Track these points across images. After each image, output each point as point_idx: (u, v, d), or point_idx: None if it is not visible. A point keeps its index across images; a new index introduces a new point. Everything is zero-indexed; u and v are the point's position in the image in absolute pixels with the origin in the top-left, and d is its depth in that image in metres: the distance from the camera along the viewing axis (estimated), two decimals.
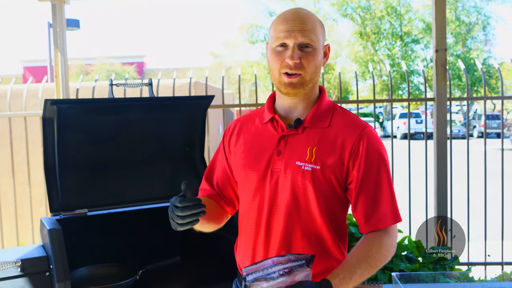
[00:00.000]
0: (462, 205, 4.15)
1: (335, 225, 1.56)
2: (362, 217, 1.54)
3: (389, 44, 28.26)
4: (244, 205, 1.63)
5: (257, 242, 1.58)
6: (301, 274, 1.37)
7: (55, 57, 4.21)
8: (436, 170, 4.02)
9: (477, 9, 27.97)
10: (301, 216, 1.53)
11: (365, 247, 1.51)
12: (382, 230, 1.53)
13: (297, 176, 1.52)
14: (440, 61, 3.98)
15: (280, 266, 1.37)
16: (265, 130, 1.63)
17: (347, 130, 1.55)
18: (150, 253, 2.63)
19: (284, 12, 1.57)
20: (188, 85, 5.75)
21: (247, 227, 1.61)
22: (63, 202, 2.45)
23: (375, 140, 1.55)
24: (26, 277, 2.07)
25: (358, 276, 1.45)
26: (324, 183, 1.51)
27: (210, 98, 2.67)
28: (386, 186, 1.54)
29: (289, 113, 1.61)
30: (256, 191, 1.58)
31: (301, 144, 1.55)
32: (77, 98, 4.41)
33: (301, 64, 1.51)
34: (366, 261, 1.47)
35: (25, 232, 5.15)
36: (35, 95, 5.35)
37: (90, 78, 23.53)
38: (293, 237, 1.53)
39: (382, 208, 1.53)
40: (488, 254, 4.14)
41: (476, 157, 4.81)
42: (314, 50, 1.53)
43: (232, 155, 1.68)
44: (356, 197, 1.53)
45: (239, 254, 1.67)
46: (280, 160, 1.55)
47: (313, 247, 1.53)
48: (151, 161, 2.69)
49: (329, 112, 1.60)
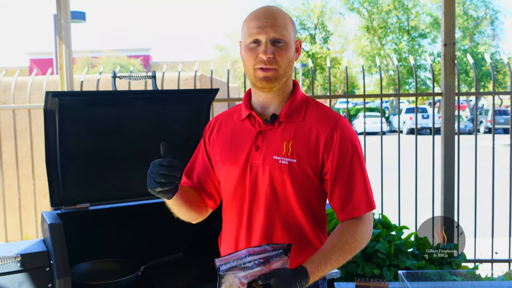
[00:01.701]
0: (469, 201, 4.10)
1: (313, 215, 1.63)
2: (338, 206, 1.61)
3: (396, 39, 28.13)
4: (227, 199, 1.70)
5: (239, 234, 1.65)
6: (278, 263, 1.42)
7: (60, 49, 4.17)
8: (444, 165, 3.97)
9: (485, 4, 27.79)
10: (280, 208, 1.60)
11: (340, 234, 1.57)
12: (356, 217, 1.60)
13: (275, 170, 1.58)
14: (448, 56, 3.92)
15: (256, 256, 1.41)
16: (243, 126, 1.69)
17: (321, 122, 1.61)
18: (152, 248, 2.59)
19: (255, 10, 1.63)
20: (193, 78, 5.71)
21: (229, 220, 1.68)
22: (64, 196, 2.42)
23: (348, 132, 1.62)
24: (26, 272, 2.04)
25: (333, 261, 1.53)
26: (301, 175, 1.58)
27: (215, 92, 2.63)
28: (359, 175, 1.61)
29: (265, 109, 1.68)
30: (237, 186, 1.65)
31: (277, 139, 1.61)
32: (81, 90, 4.39)
33: (275, 59, 1.57)
34: (341, 247, 1.54)
35: (29, 225, 5.14)
36: (39, 87, 5.33)
37: (96, 71, 23.54)
38: (273, 229, 1.61)
39: (356, 197, 1.60)
40: (495, 252, 4.09)
41: (484, 152, 4.75)
42: (286, 45, 1.59)
43: (212, 151, 1.75)
44: (332, 187, 1.60)
45: (223, 246, 1.73)
46: (259, 155, 1.62)
47: (293, 238, 1.60)
48: (154, 154, 2.65)
49: (303, 106, 1.66)
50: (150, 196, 2.68)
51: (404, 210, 4.21)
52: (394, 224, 3.80)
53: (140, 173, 2.69)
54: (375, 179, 4.36)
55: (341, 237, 1.56)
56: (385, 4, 27.37)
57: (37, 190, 4.88)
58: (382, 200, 4.16)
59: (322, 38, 29.64)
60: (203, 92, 2.89)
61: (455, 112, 3.98)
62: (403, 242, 3.58)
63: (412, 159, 4.17)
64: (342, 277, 3.38)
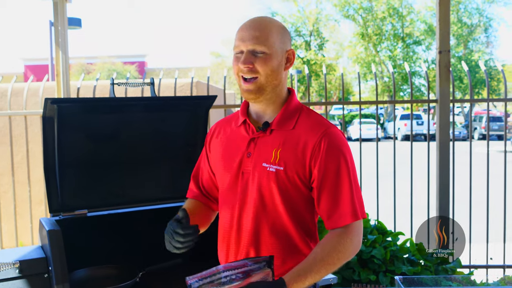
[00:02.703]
0: (464, 207, 4.13)
1: (301, 223, 1.65)
2: (324, 214, 1.61)
3: (391, 46, 28.25)
4: (220, 204, 1.76)
5: (230, 239, 1.70)
6: (258, 275, 1.42)
7: (56, 55, 4.18)
8: (439, 171, 3.99)
9: (479, 11, 27.98)
10: (268, 214, 1.63)
11: (324, 245, 1.57)
12: (342, 227, 1.58)
13: (263, 177, 1.62)
14: (443, 63, 3.96)
15: (233, 271, 1.42)
16: (238, 132, 1.73)
17: (310, 131, 1.63)
18: (150, 254, 2.59)
19: (246, 21, 1.66)
20: (189, 84, 5.73)
21: (222, 225, 1.73)
22: (62, 203, 2.42)
23: (337, 140, 1.61)
24: (25, 279, 2.04)
25: (314, 273, 1.52)
26: (287, 183, 1.60)
27: (212, 98, 2.64)
28: (346, 184, 1.59)
29: (260, 117, 1.71)
30: (229, 191, 1.70)
31: (268, 146, 1.64)
32: (78, 97, 4.39)
33: (255, 68, 1.61)
34: (323, 260, 1.54)
35: (24, 232, 5.13)
36: (35, 94, 5.33)
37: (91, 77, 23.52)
38: (261, 235, 1.64)
39: (342, 206, 1.59)
40: (490, 257, 4.11)
41: (478, 159, 4.78)
42: (266, 55, 1.61)
43: (212, 157, 1.81)
44: (318, 195, 1.61)
45: (218, 251, 1.79)
46: (250, 162, 1.65)
47: (282, 244, 1.63)
48: (152, 161, 2.66)
49: (296, 114, 1.68)
50: (148, 202, 2.70)
51: (399, 216, 4.23)
52: (390, 230, 3.82)
53: (138, 180, 2.72)
54: (370, 186, 4.41)
55: (324, 248, 1.56)
56: (380, 12, 27.52)
57: (33, 197, 4.87)
58: (378, 206, 4.18)
59: (317, 45, 29.74)
60: (201, 98, 2.90)
61: (450, 119, 4.01)
62: (399, 248, 3.60)
63: (407, 165, 4.20)
64: (338, 283, 3.39)
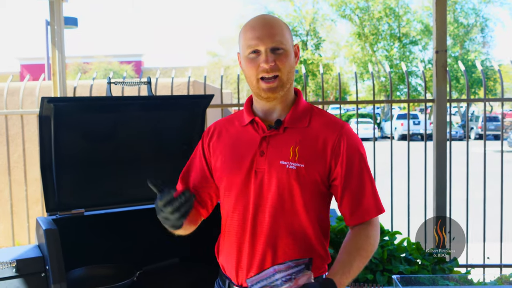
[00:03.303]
0: (461, 207, 4.13)
1: (319, 221, 1.63)
2: (347, 211, 1.62)
3: (387, 45, 28.30)
4: (228, 207, 1.67)
5: (243, 242, 1.63)
6: (303, 278, 1.42)
7: (53, 55, 4.17)
8: (436, 171, 4.00)
9: (476, 11, 28.06)
10: (286, 214, 1.59)
11: (354, 240, 1.59)
12: (366, 222, 1.62)
13: (282, 175, 1.57)
14: (440, 63, 3.96)
15: (282, 274, 1.41)
16: (245, 132, 1.68)
17: (326, 129, 1.63)
18: (147, 254, 2.59)
19: (250, 21, 1.63)
20: (186, 84, 5.72)
21: (231, 228, 1.65)
22: (59, 202, 2.41)
23: (354, 138, 1.64)
24: (21, 278, 2.03)
25: (355, 268, 1.54)
26: (308, 180, 1.58)
27: (209, 98, 2.64)
28: (367, 180, 1.64)
29: (268, 115, 1.67)
30: (240, 192, 1.63)
31: (283, 144, 1.61)
32: (75, 96, 4.38)
33: (277, 66, 1.58)
34: (359, 254, 1.56)
35: (21, 231, 5.11)
36: (32, 93, 5.32)
37: (88, 76, 23.47)
38: (278, 235, 1.59)
39: (365, 201, 1.62)
40: (487, 257, 4.12)
41: (475, 158, 4.79)
42: (285, 51, 1.60)
43: (213, 158, 1.72)
44: (342, 192, 1.61)
45: (223, 255, 1.71)
46: (264, 160, 1.61)
47: (298, 245, 1.60)
48: (149, 160, 2.66)
49: (307, 113, 1.67)
50: (145, 201, 2.70)
51: (396, 215, 4.24)
52: (387, 230, 3.82)
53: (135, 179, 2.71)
54: None
55: (356, 243, 1.58)
56: (376, 11, 27.56)
57: (29, 196, 4.86)
58: None
59: (314, 44, 29.76)
60: (198, 98, 2.90)
61: (446, 118, 4.01)
62: (396, 247, 3.60)
63: (404, 165, 4.20)
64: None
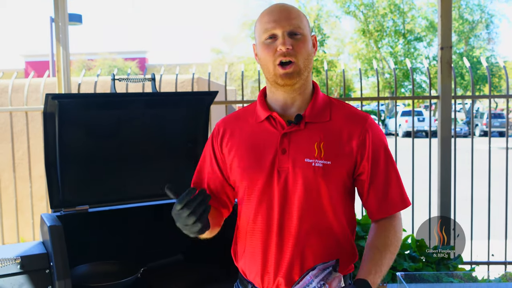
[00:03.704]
0: (466, 204, 4.12)
1: (345, 217, 1.58)
2: (373, 205, 1.58)
3: (392, 42, 28.19)
4: (249, 210, 1.57)
5: (268, 245, 1.54)
6: (335, 281, 1.39)
7: (57, 51, 4.17)
8: (440, 168, 3.98)
9: (481, 7, 27.90)
10: (313, 213, 1.52)
11: (382, 235, 1.55)
12: (392, 216, 1.59)
13: (309, 173, 1.50)
14: (445, 59, 3.94)
15: (317, 279, 1.38)
16: (262, 129, 1.59)
17: (349, 122, 1.56)
18: (151, 250, 2.59)
19: (267, 8, 1.57)
20: (190, 81, 5.73)
21: (255, 231, 1.56)
22: (63, 198, 2.42)
23: (378, 130, 1.60)
24: (26, 274, 2.04)
25: (386, 266, 1.50)
26: (335, 177, 1.52)
27: (214, 94, 2.63)
28: (393, 173, 1.59)
29: (286, 109, 1.59)
30: (263, 193, 1.54)
31: (306, 140, 1.53)
32: (79, 93, 4.39)
33: (294, 51, 1.50)
34: (389, 250, 1.52)
35: (25, 228, 5.13)
36: (36, 90, 5.32)
37: (92, 73, 23.52)
38: (306, 236, 1.52)
39: (391, 195, 1.58)
40: (492, 254, 4.11)
41: (479, 155, 4.77)
42: (303, 37, 1.53)
43: (227, 158, 1.62)
44: (368, 187, 1.57)
45: (244, 260, 1.62)
46: (287, 159, 1.52)
47: (326, 244, 1.54)
48: (153, 157, 2.66)
49: (327, 105, 1.61)
50: (150, 198, 2.70)
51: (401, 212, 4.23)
52: None
53: (139, 176, 2.71)
54: None
55: (384, 239, 1.54)
56: (381, 8, 27.44)
57: (34, 193, 4.87)
58: None
59: (318, 41, 29.63)
60: (202, 94, 2.89)
61: (451, 115, 4.00)
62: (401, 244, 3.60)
63: (408, 161, 4.19)
64: None
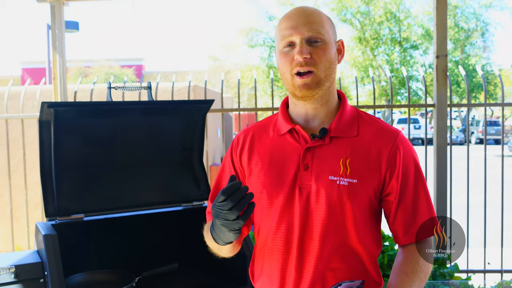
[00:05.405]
0: (462, 211, 4.12)
1: (372, 241, 1.47)
2: (401, 229, 1.47)
3: (388, 50, 28.31)
4: (268, 227, 1.48)
5: (287, 265, 1.44)
6: None
7: (54, 59, 4.17)
8: (436, 175, 3.99)
9: (476, 16, 28.07)
10: (336, 234, 1.41)
11: (411, 261, 1.44)
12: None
13: (333, 192, 1.40)
14: (441, 67, 3.96)
15: None
16: (283, 142, 1.49)
17: (379, 138, 1.45)
18: (147, 259, 2.59)
19: (287, 12, 1.46)
20: (187, 88, 5.73)
21: (273, 250, 1.47)
22: (59, 207, 2.41)
23: (409, 147, 1.48)
24: (20, 284, 2.03)
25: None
26: (362, 197, 1.41)
27: (210, 103, 2.63)
28: (423, 195, 1.47)
29: (309, 122, 1.48)
30: (283, 211, 1.44)
31: (331, 156, 1.43)
32: (75, 100, 4.38)
33: (313, 60, 1.39)
34: (418, 277, 1.42)
35: (21, 236, 5.11)
36: (32, 97, 5.32)
37: (89, 80, 23.52)
38: (328, 258, 1.41)
39: (420, 218, 1.45)
40: (488, 262, 4.11)
41: (475, 163, 4.78)
42: (324, 43, 1.41)
43: (247, 172, 1.53)
44: (396, 209, 1.45)
45: (262, 279, 1.52)
46: (309, 175, 1.42)
47: (350, 267, 1.43)
48: (149, 165, 2.66)
49: (355, 119, 1.49)
50: (145, 206, 2.69)
51: None
52: (387, 235, 3.82)
53: (135, 184, 2.71)
54: None
55: (414, 265, 1.43)
56: (377, 16, 27.57)
57: (29, 200, 4.85)
58: None
59: None
60: (198, 103, 2.90)
61: (447, 123, 4.01)
62: (396, 253, 3.60)
63: None
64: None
